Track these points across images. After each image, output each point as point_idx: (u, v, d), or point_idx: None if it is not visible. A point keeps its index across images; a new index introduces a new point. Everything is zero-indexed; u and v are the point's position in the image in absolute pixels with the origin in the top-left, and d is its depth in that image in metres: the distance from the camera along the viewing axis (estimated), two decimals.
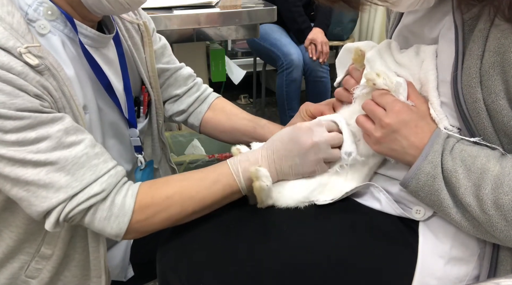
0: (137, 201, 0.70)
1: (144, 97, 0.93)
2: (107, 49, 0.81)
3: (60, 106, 0.68)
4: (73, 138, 0.66)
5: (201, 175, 0.74)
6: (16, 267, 0.79)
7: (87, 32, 0.74)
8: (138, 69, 0.91)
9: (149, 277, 1.02)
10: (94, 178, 0.67)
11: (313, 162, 0.73)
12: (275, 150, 0.74)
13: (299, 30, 2.50)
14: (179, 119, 1.05)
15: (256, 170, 0.70)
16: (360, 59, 0.75)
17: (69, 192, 0.65)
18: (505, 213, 0.57)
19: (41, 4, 0.69)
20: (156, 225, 0.72)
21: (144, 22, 0.91)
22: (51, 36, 0.71)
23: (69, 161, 0.65)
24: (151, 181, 0.75)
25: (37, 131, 0.63)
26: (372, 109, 0.68)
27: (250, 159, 0.74)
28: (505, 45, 0.56)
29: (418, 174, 0.63)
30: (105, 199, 0.68)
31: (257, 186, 0.70)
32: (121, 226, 0.69)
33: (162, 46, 1.00)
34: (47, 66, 0.65)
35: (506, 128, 0.59)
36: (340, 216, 0.74)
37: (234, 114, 1.02)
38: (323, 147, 0.73)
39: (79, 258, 0.80)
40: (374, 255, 0.69)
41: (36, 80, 0.63)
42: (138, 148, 0.91)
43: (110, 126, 0.84)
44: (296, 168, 0.73)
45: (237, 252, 0.70)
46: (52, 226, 0.66)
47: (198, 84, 1.05)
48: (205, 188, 0.72)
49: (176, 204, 0.71)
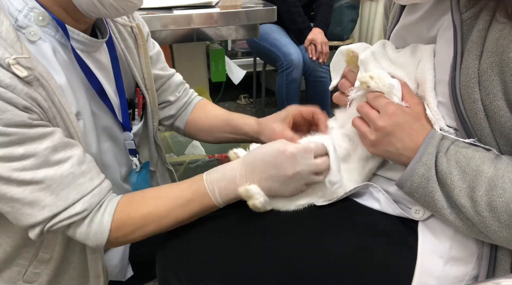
0: (114, 219, 0.70)
1: (138, 99, 0.93)
2: (100, 53, 0.81)
3: (50, 116, 0.66)
4: (61, 156, 0.66)
5: (177, 193, 0.74)
6: (14, 272, 0.79)
7: (79, 37, 0.74)
8: (132, 72, 0.90)
9: (148, 277, 1.02)
10: (78, 197, 0.67)
11: (293, 188, 0.72)
12: (255, 170, 0.71)
13: (298, 30, 2.50)
14: (167, 123, 1.07)
15: (246, 190, 0.69)
16: (353, 60, 0.75)
17: (53, 211, 0.65)
18: (499, 215, 0.57)
19: (32, 10, 0.68)
20: (132, 240, 0.73)
21: (137, 25, 0.90)
22: (41, 43, 0.69)
23: (55, 180, 0.65)
24: (130, 196, 0.74)
25: (25, 147, 0.62)
26: (366, 112, 0.68)
27: (227, 177, 0.72)
28: (504, 45, 0.56)
29: (412, 176, 0.63)
30: (85, 218, 0.69)
31: (251, 204, 0.70)
32: (99, 241, 0.70)
33: (157, 53, 1.00)
34: (36, 77, 0.63)
35: (503, 129, 0.59)
36: (339, 216, 0.74)
37: (211, 112, 1.05)
38: (305, 174, 0.71)
39: (77, 260, 0.80)
40: (374, 255, 0.69)
41: (24, 92, 0.61)
42: (132, 151, 0.91)
43: (104, 130, 0.83)
44: (275, 190, 0.72)
45: (237, 252, 0.70)
46: (36, 237, 0.67)
47: (186, 90, 1.07)
48: (179, 207, 0.72)
49: (151, 223, 0.72)
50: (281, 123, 0.90)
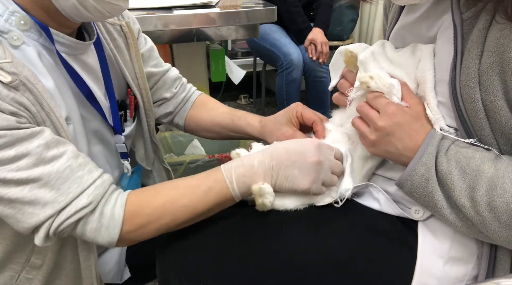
0: (126, 211, 0.68)
1: (130, 100, 0.90)
2: (87, 55, 0.78)
3: (39, 121, 0.65)
4: (55, 152, 0.64)
5: (193, 182, 0.72)
6: (7, 277, 0.78)
7: (63, 40, 0.71)
8: (122, 72, 0.88)
9: (147, 279, 1.01)
10: (80, 190, 0.65)
11: (311, 178, 0.71)
12: (276, 157, 0.71)
13: (298, 30, 2.50)
14: (165, 120, 1.05)
15: (260, 189, 0.69)
16: (351, 61, 0.75)
17: (56, 207, 0.63)
18: (499, 215, 0.57)
19: (13, 14, 0.66)
20: (147, 234, 0.70)
21: (127, 23, 0.88)
22: (25, 47, 0.67)
23: (53, 176, 0.63)
24: (141, 190, 0.73)
25: (16, 148, 0.61)
26: (366, 112, 0.68)
27: (245, 164, 0.71)
28: (504, 45, 0.56)
29: (412, 176, 0.63)
30: (94, 210, 0.66)
31: (260, 203, 0.70)
32: (112, 236, 0.67)
33: (149, 49, 0.97)
34: (21, 81, 0.62)
35: (504, 129, 0.59)
36: (339, 216, 0.74)
37: (214, 109, 1.02)
38: (326, 168, 0.72)
39: (70, 267, 0.79)
40: (374, 255, 0.69)
41: (10, 97, 0.60)
42: (124, 154, 0.89)
43: (94, 134, 0.82)
44: (292, 179, 0.71)
45: (237, 252, 0.70)
46: (42, 241, 0.65)
47: (184, 85, 1.05)
48: (198, 196, 0.70)
49: (168, 214, 0.69)
50: (289, 127, 0.89)
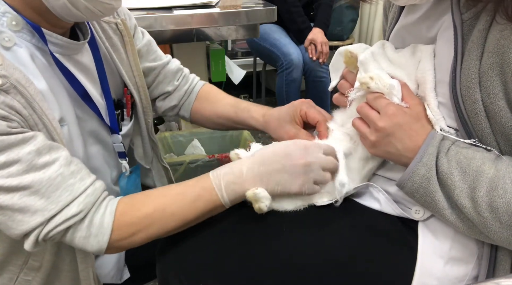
0: (115, 219, 0.67)
1: (127, 99, 0.89)
2: (81, 55, 0.77)
3: (31, 124, 0.64)
4: (47, 159, 0.63)
5: (182, 190, 0.71)
6: (6, 279, 0.77)
7: (56, 40, 0.71)
8: (118, 71, 0.87)
9: (146, 279, 1.01)
10: (71, 199, 0.64)
11: (301, 181, 0.70)
12: (264, 162, 0.70)
13: (298, 30, 2.50)
14: (171, 114, 1.04)
15: (254, 194, 0.68)
16: (351, 61, 0.75)
17: (45, 215, 0.63)
18: (499, 215, 0.57)
19: (4, 15, 0.65)
20: (136, 242, 0.70)
21: (122, 20, 0.87)
22: (17, 49, 0.66)
23: (44, 184, 0.62)
24: (131, 197, 0.72)
25: (7, 154, 0.60)
26: (366, 113, 0.68)
27: (234, 171, 0.71)
28: (504, 46, 0.56)
29: (412, 176, 0.63)
30: (84, 219, 0.66)
31: (257, 207, 0.70)
32: (101, 245, 0.67)
33: (147, 43, 0.96)
34: (12, 84, 0.61)
35: (504, 129, 0.59)
36: (339, 216, 0.74)
37: (218, 101, 1.01)
38: (315, 167, 0.71)
39: (68, 268, 0.79)
40: (374, 255, 0.69)
41: (0, 101, 0.59)
42: (121, 154, 0.88)
43: (91, 134, 0.81)
44: (283, 183, 0.70)
45: (237, 253, 0.70)
46: (31, 247, 0.64)
47: (186, 77, 1.03)
48: (185, 204, 0.70)
49: (156, 222, 0.69)
50: (293, 125, 0.88)
